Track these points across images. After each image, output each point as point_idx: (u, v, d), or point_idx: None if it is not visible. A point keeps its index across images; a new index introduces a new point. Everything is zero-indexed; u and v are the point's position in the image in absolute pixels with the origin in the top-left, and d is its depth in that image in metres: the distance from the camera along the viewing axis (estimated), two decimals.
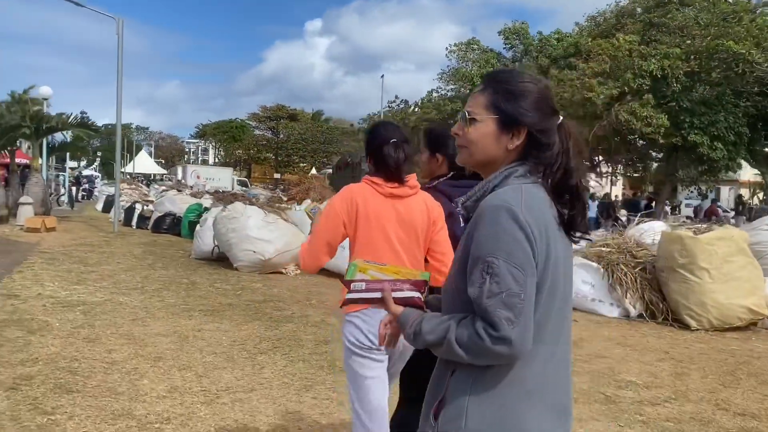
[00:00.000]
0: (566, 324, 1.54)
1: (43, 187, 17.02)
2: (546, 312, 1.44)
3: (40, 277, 8.35)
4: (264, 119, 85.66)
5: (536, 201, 1.45)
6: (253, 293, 8.15)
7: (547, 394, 1.47)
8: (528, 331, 1.36)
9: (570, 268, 1.56)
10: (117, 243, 13.36)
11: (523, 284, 1.36)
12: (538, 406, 1.45)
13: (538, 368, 1.44)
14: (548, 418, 1.46)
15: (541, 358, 1.44)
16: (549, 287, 1.44)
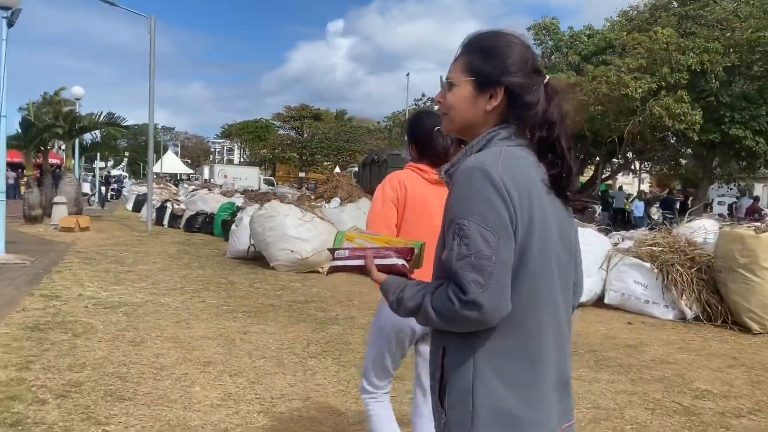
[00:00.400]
0: (561, 291, 1.45)
1: (76, 187, 17.07)
2: (535, 276, 1.38)
3: (79, 278, 8.25)
4: (288, 119, 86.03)
5: (518, 162, 1.38)
6: (293, 293, 7.95)
7: (545, 369, 1.41)
8: (500, 295, 1.30)
9: (569, 232, 1.48)
10: (151, 242, 13.29)
11: (495, 247, 1.30)
12: (534, 382, 1.40)
13: (535, 336, 1.39)
14: (546, 397, 1.42)
15: (533, 325, 1.39)
16: (538, 251, 1.37)
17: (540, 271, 1.39)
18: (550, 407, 1.42)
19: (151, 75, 15.45)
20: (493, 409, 1.37)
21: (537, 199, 1.37)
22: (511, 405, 1.37)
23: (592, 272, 8.13)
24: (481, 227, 1.30)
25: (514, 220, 1.33)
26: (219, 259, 11.17)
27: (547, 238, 1.39)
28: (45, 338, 5.08)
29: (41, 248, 11.25)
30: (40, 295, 6.90)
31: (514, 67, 1.42)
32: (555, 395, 1.44)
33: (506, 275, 1.31)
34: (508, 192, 1.32)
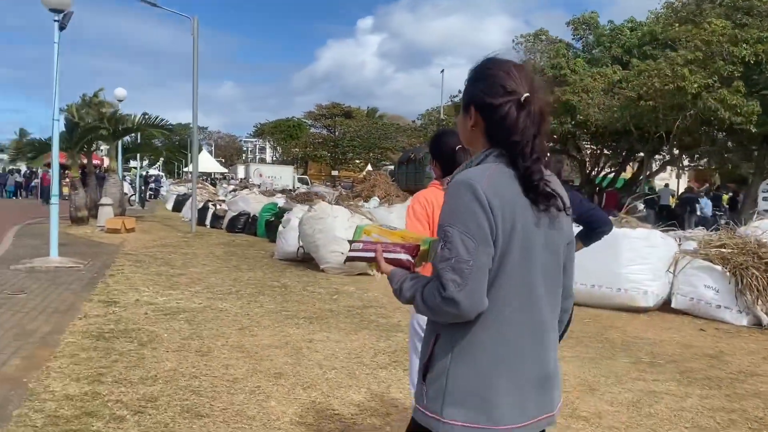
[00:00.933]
0: (546, 295, 1.61)
1: (120, 187, 17.19)
2: (514, 280, 1.54)
3: (132, 282, 8.19)
4: (320, 117, 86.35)
5: (504, 178, 1.54)
6: (349, 298, 7.78)
7: (520, 363, 1.57)
8: (474, 294, 1.48)
9: (556, 240, 1.63)
10: (196, 243, 13.27)
11: (473, 253, 1.48)
12: (508, 374, 1.56)
13: (510, 333, 1.56)
14: (520, 389, 1.56)
15: (508, 323, 1.55)
16: (519, 258, 1.53)
17: (519, 275, 1.56)
18: (523, 398, 1.58)
19: (194, 75, 15.44)
20: (462, 390, 1.56)
21: (521, 210, 1.54)
22: (479, 389, 1.55)
23: (659, 275, 7.81)
24: (463, 235, 1.50)
25: (495, 230, 1.51)
26: (267, 260, 11.06)
27: (530, 246, 1.56)
28: (111, 348, 4.97)
29: (91, 251, 11.28)
30: (98, 300, 6.84)
31: (481, 91, 1.61)
32: (532, 389, 1.59)
33: (482, 277, 1.50)
34: (490, 205, 1.50)
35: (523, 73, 1.62)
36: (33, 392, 3.93)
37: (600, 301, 7.83)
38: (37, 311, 6.18)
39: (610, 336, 6.41)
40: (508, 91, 1.58)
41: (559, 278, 1.68)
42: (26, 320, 5.80)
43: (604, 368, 5.20)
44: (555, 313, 1.68)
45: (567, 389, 4.55)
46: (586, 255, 7.96)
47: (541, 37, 26.15)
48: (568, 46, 26.16)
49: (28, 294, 7.03)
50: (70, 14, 9.05)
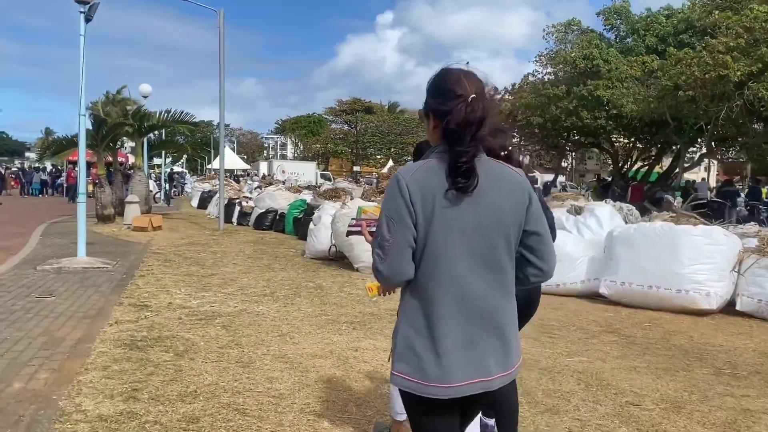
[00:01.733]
0: (474, 270, 1.81)
1: (146, 185, 16.96)
2: (435, 257, 1.80)
3: (163, 283, 7.86)
4: (340, 113, 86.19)
5: (430, 171, 1.81)
6: (390, 300, 7.31)
7: (443, 330, 1.80)
8: (393, 265, 1.81)
9: (471, 225, 1.80)
10: (225, 241, 12.95)
11: (393, 233, 1.79)
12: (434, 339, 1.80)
13: (434, 302, 1.81)
14: (446, 353, 1.79)
15: (432, 293, 1.81)
16: (440, 239, 1.79)
17: (442, 253, 1.79)
18: (451, 360, 1.78)
19: (221, 68, 15.12)
20: (405, 347, 1.84)
21: (441, 198, 1.77)
22: (417, 347, 1.80)
23: (723, 276, 7.26)
24: (387, 218, 1.80)
25: (414, 215, 1.77)
26: (298, 259, 10.69)
27: (451, 228, 1.78)
28: (146, 359, 4.60)
29: (119, 250, 11.00)
30: (129, 304, 6.49)
31: (432, 97, 1.86)
32: (460, 352, 1.79)
33: (400, 252, 1.79)
34: (410, 194, 1.77)
35: (471, 78, 1.83)
36: (64, 412, 3.56)
37: (658, 303, 7.32)
38: (65, 316, 5.85)
39: (677, 342, 5.91)
40: (457, 95, 1.79)
41: (496, 255, 1.83)
42: (55, 326, 5.46)
43: (683, 380, 4.71)
44: (491, 289, 1.83)
45: (648, 406, 4.09)
46: (642, 255, 7.52)
47: (572, 27, 25.44)
48: (600, 36, 25.42)
49: (56, 297, 6.72)
50: (96, 5, 8.72)
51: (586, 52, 23.44)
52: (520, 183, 1.89)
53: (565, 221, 9.17)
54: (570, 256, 8.16)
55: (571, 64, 23.77)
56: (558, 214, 9.59)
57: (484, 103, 1.79)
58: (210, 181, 32.83)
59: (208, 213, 21.46)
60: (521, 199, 1.86)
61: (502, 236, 1.83)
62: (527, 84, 26.12)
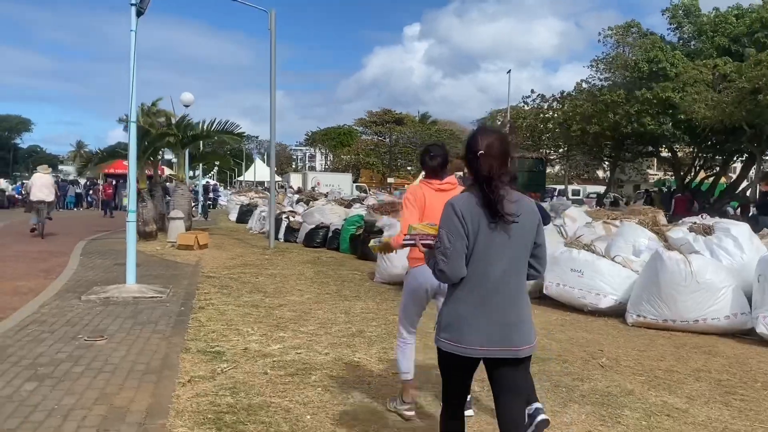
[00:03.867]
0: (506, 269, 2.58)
1: (188, 199, 15.91)
2: (478, 260, 2.55)
3: (228, 317, 6.66)
4: (370, 124, 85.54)
5: (471, 202, 2.57)
6: None
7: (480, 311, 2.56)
8: (454, 266, 2.54)
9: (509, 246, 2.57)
10: (279, 262, 11.76)
11: (452, 243, 2.53)
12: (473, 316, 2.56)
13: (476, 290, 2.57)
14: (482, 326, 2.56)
15: (475, 285, 2.57)
16: (477, 250, 2.55)
17: (483, 258, 2.56)
18: (483, 332, 2.55)
19: (272, 69, 14.02)
20: (449, 322, 2.61)
21: (482, 220, 2.55)
22: (455, 323, 2.58)
23: None
24: (447, 232, 2.56)
25: (466, 229, 2.54)
26: (369, 284, 9.44)
27: (490, 242, 2.55)
28: None
29: (168, 273, 9.87)
30: (197, 350, 5.29)
31: (464, 151, 2.67)
32: (495, 327, 2.55)
33: (459, 257, 2.54)
34: (462, 216, 2.55)
35: (484, 137, 2.61)
36: None
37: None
38: (123, 370, 4.65)
39: None
40: (472, 151, 2.61)
41: (520, 259, 2.62)
42: (113, 387, 4.26)
43: None
44: (517, 283, 2.62)
45: None
46: None
47: (631, 30, 23.97)
48: (662, 39, 23.90)
49: (107, 339, 5.54)
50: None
51: (650, 54, 21.97)
52: (533, 207, 2.70)
53: (693, 241, 7.78)
54: (712, 286, 6.76)
55: (632, 67, 22.30)
56: (679, 234, 8.21)
57: (494, 155, 2.57)
58: (247, 194, 31.91)
59: (250, 228, 20.37)
60: (535, 219, 2.67)
61: (523, 246, 2.63)
62: (581, 92, 24.67)
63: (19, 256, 11.59)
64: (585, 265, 7.80)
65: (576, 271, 7.85)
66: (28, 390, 4.13)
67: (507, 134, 3.10)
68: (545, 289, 8.11)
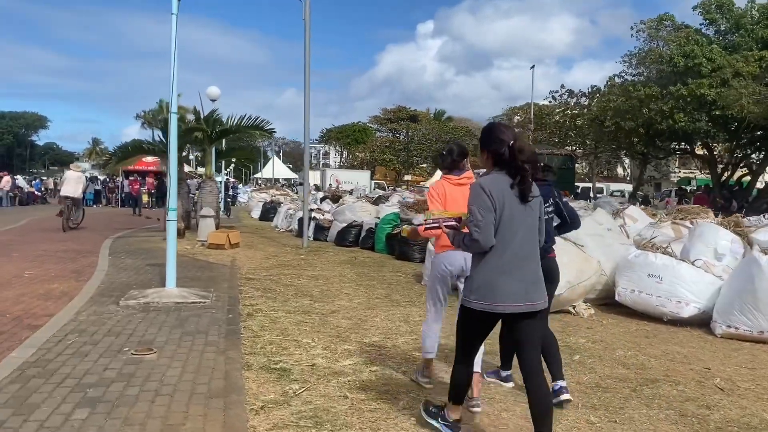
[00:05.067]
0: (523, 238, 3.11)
1: (217, 196, 15.37)
2: (504, 230, 3.07)
3: (282, 326, 6.08)
4: (385, 121, 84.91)
5: (499, 180, 3.11)
6: (587, 354, 5.40)
7: (508, 273, 3.07)
8: (485, 236, 3.02)
9: (527, 217, 3.14)
10: (316, 262, 11.18)
11: (483, 216, 3.03)
12: (502, 278, 3.06)
13: (503, 256, 3.07)
14: (509, 286, 3.06)
15: (501, 251, 3.07)
16: (506, 219, 3.06)
17: (508, 229, 3.07)
18: (514, 290, 3.05)
19: (305, 61, 13.42)
20: (479, 283, 3.11)
21: (508, 197, 3.08)
22: (486, 284, 3.07)
23: None
24: (477, 207, 3.06)
25: (494, 205, 3.04)
26: (418, 288, 8.83)
27: (514, 214, 3.08)
28: None
29: (204, 274, 9.31)
30: (259, 366, 4.71)
31: (490, 141, 3.20)
32: (519, 287, 3.06)
33: (489, 228, 3.03)
34: (490, 193, 3.05)
35: (507, 131, 3.22)
36: None
37: None
38: (184, 393, 4.07)
39: None
40: (502, 140, 3.15)
41: (535, 231, 3.19)
42: (175, 416, 3.67)
43: None
44: (532, 248, 3.17)
45: None
46: None
47: (665, 23, 23.14)
48: (698, 32, 23.05)
49: (157, 352, 4.97)
50: None
51: (686, 49, 21.16)
52: (539, 189, 3.26)
53: None
54: None
55: (667, 62, 21.50)
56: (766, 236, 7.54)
57: (520, 145, 3.14)
58: (268, 191, 31.41)
59: (276, 226, 19.85)
60: (540, 199, 3.26)
61: (536, 219, 3.19)
62: (614, 87, 23.87)
63: (47, 255, 11.09)
64: (664, 270, 7.15)
65: (654, 276, 7.20)
66: (80, 419, 3.56)
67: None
68: (618, 296, 7.47)
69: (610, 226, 8.65)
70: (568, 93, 29.32)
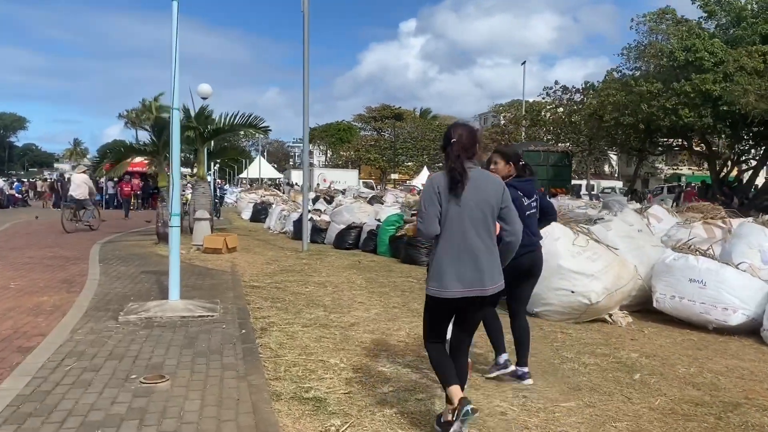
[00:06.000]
0: (471, 227, 3.34)
1: (210, 198, 14.70)
2: (450, 220, 3.33)
3: (301, 343, 5.50)
4: (369, 120, 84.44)
5: (444, 177, 3.38)
6: (647, 370, 4.88)
7: (456, 262, 3.32)
8: (427, 226, 3.33)
9: (475, 209, 3.35)
10: (320, 267, 10.59)
11: (426, 208, 3.35)
12: (450, 267, 3.32)
13: (450, 243, 3.34)
14: (457, 275, 3.32)
15: (449, 239, 3.34)
16: (450, 213, 3.33)
17: (456, 220, 3.32)
18: (458, 279, 3.30)
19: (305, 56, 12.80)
20: (434, 270, 3.37)
21: (444, 194, 3.34)
22: (438, 273, 3.34)
23: None
24: (423, 199, 3.40)
25: (439, 198, 3.32)
26: None
27: (459, 207, 3.32)
28: None
29: (205, 282, 8.69)
30: (290, 396, 4.11)
31: (443, 140, 3.48)
32: (467, 272, 3.30)
33: (431, 219, 3.32)
34: (437, 187, 3.35)
35: (456, 129, 3.46)
36: None
37: None
38: None
39: None
40: (448, 139, 3.42)
41: (486, 222, 3.37)
42: None
43: None
44: (482, 239, 3.35)
45: None
46: None
47: (666, 16, 22.77)
48: (699, 26, 22.70)
49: (170, 380, 4.36)
50: None
51: (687, 43, 20.81)
52: (497, 180, 3.50)
53: None
54: None
55: (668, 56, 21.12)
56: None
57: (462, 144, 3.37)
58: (257, 191, 30.68)
59: (270, 228, 19.20)
60: (498, 189, 3.42)
61: (487, 208, 3.36)
62: (613, 81, 23.47)
63: (34, 263, 10.38)
64: (707, 275, 6.66)
65: (697, 281, 6.70)
66: None
67: (475, 127, 3.57)
68: (656, 302, 6.97)
69: (640, 227, 8.15)
70: (562, 89, 28.91)
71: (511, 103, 69.43)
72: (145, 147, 14.03)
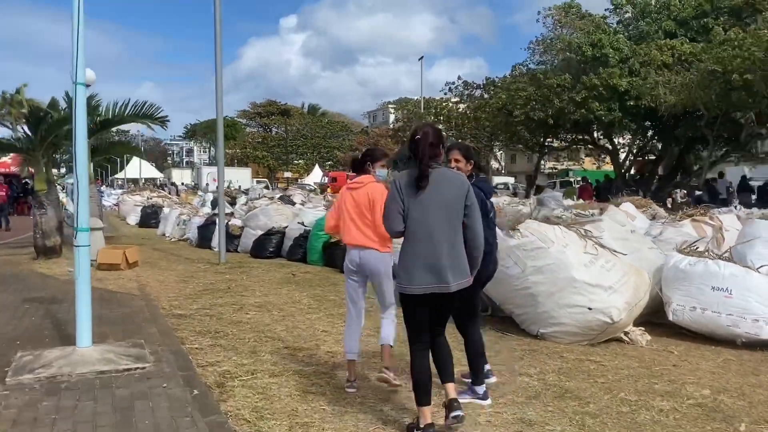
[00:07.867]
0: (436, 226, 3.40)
1: (98, 202, 12.47)
2: (414, 220, 3.39)
3: (285, 406, 3.98)
4: (254, 116, 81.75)
5: (407, 176, 3.44)
6: (730, 411, 3.83)
7: (421, 259, 3.38)
8: (390, 224, 3.47)
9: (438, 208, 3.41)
10: (250, 284, 8.92)
11: (390, 207, 3.44)
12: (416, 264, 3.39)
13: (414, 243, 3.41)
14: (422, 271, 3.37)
15: (413, 239, 3.41)
16: (415, 210, 3.39)
17: (420, 218, 3.39)
18: (424, 275, 3.36)
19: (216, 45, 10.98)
20: (401, 266, 3.41)
21: (413, 189, 3.40)
22: (404, 269, 3.40)
23: None
24: (388, 200, 3.47)
25: (402, 197, 3.39)
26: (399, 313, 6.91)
27: (420, 205, 3.39)
28: None
29: (114, 312, 6.81)
30: None
31: (409, 141, 3.55)
32: (429, 272, 3.36)
33: (394, 216, 3.42)
34: (400, 186, 3.42)
35: (421, 128, 3.55)
36: None
37: None
38: None
39: None
40: (413, 138, 3.48)
41: (452, 221, 3.43)
42: None
43: None
44: (447, 237, 3.40)
45: None
46: None
47: (571, 11, 22.75)
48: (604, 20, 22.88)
49: None
50: None
51: (594, 38, 20.81)
52: (461, 179, 3.54)
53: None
54: None
55: (576, 50, 21.05)
56: None
57: (424, 142, 3.43)
58: (141, 192, 27.72)
59: (166, 234, 17.00)
60: (463, 188, 3.45)
61: (451, 207, 3.42)
62: (520, 75, 23.19)
63: None
64: (733, 282, 5.80)
65: (721, 290, 5.82)
66: None
67: (437, 127, 3.72)
68: (672, 315, 6.04)
69: (632, 228, 7.25)
70: (464, 84, 28.51)
71: (398, 101, 69.34)
72: (17, 143, 11.57)
